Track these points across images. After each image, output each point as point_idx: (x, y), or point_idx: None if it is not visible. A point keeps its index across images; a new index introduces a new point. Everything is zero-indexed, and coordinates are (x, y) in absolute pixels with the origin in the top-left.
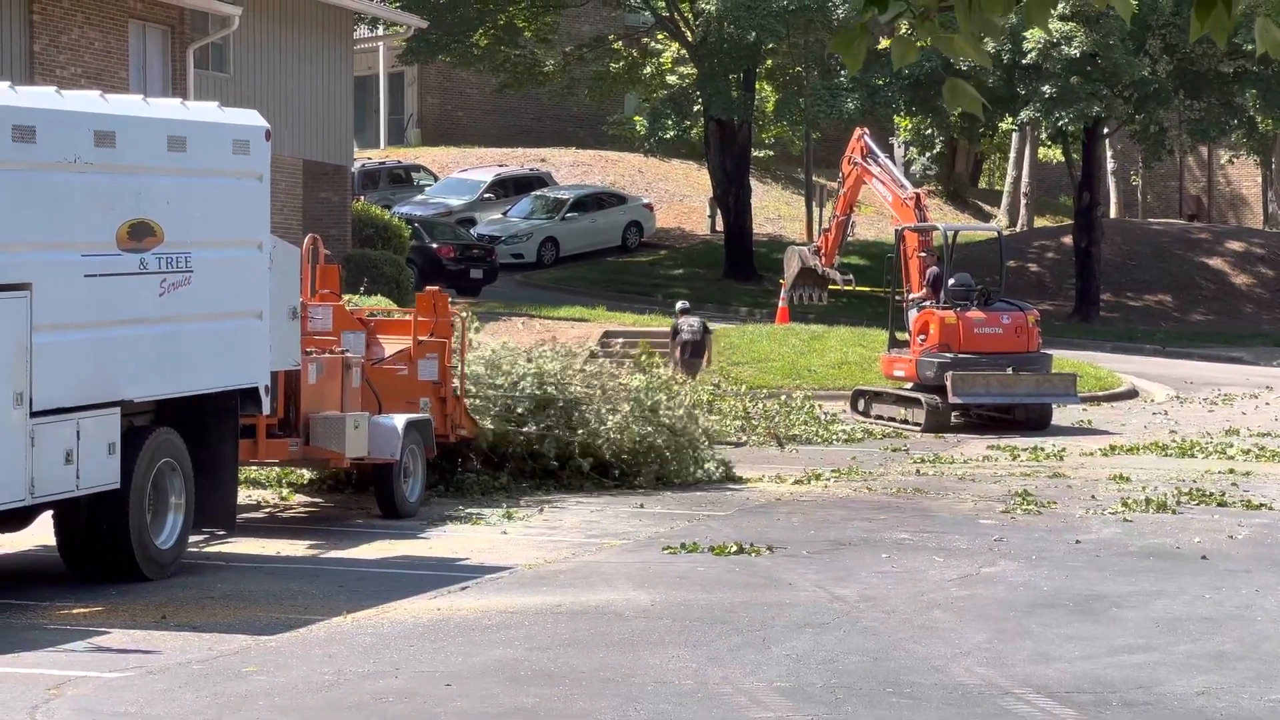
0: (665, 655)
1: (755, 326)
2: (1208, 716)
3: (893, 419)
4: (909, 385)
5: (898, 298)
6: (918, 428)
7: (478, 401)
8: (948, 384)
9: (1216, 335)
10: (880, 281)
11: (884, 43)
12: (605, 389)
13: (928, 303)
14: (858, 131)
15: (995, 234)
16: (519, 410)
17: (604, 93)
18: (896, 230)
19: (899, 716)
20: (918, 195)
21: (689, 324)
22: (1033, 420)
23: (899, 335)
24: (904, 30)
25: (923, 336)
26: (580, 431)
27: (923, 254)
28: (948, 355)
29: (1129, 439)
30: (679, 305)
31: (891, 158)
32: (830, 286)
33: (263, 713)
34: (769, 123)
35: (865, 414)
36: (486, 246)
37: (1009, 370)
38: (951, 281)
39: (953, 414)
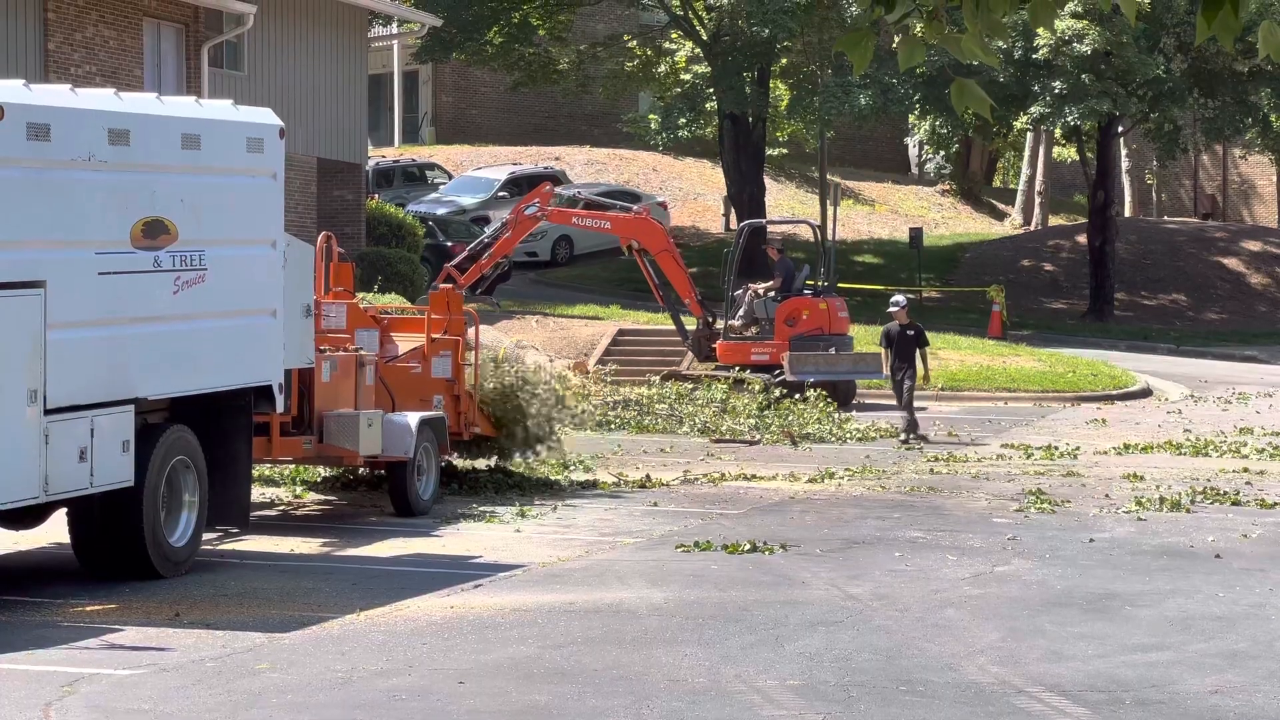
0: (678, 653)
1: None
2: (1221, 715)
3: None
4: (736, 368)
5: (738, 291)
6: None
7: None
8: (784, 363)
9: (1231, 334)
10: (892, 279)
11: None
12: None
13: (774, 294)
14: (545, 185)
15: (810, 227)
16: None
17: (618, 91)
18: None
19: (912, 715)
20: (648, 208)
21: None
22: (841, 395)
23: (733, 324)
24: (917, 30)
25: (791, 322)
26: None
27: (776, 246)
28: (826, 338)
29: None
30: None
31: (906, 156)
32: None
33: (275, 710)
34: (783, 120)
35: None
36: None
37: (832, 350)
38: (803, 275)
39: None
